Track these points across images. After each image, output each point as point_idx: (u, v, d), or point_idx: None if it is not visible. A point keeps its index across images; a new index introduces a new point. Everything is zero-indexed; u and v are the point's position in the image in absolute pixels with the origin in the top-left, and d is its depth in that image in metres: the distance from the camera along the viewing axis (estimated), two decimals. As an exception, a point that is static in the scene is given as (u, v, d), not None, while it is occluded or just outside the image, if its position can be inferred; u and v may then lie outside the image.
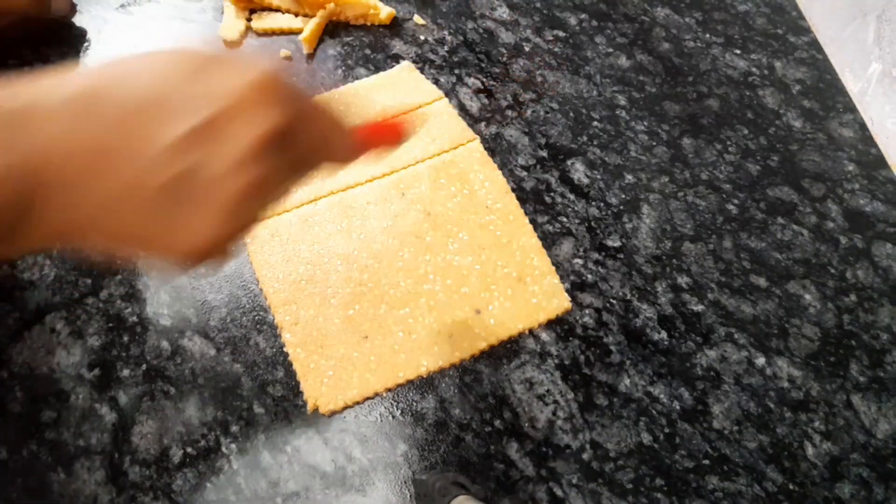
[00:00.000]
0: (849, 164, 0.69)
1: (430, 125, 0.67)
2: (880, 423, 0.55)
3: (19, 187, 0.20)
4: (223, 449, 0.50)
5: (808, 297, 0.61)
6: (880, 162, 0.70)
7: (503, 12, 0.77)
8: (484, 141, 0.67)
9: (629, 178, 0.67)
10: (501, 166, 0.66)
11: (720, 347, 0.57)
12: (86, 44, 0.68)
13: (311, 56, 0.71)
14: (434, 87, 0.70)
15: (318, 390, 0.53)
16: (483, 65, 0.73)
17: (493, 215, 0.62)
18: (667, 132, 0.70)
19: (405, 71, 0.71)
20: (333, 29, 0.75)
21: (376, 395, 0.53)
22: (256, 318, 0.56)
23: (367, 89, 0.69)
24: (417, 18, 0.77)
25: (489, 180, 0.65)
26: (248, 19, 0.73)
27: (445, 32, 0.76)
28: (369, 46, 0.73)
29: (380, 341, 0.55)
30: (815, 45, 0.78)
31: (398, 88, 0.69)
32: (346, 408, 0.52)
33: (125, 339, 0.53)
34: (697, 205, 0.65)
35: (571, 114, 0.70)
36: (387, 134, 0.49)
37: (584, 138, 0.69)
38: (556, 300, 0.58)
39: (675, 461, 0.52)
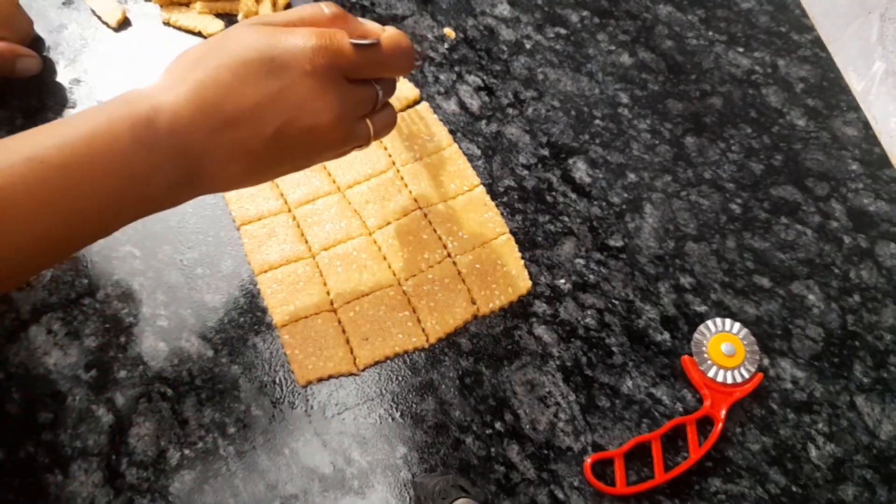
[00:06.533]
0: (852, 163, 0.68)
1: (419, 125, 0.66)
2: (884, 425, 0.55)
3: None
4: (221, 451, 0.49)
5: (811, 297, 0.60)
6: (884, 161, 0.69)
7: (504, 9, 0.76)
8: (484, 139, 0.67)
9: (631, 176, 0.66)
10: (503, 165, 0.65)
11: (723, 348, 0.57)
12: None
13: None
14: (413, 87, 0.68)
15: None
16: (484, 62, 0.72)
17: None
18: (669, 130, 0.69)
19: None
20: (333, 26, 0.74)
21: (376, 396, 0.53)
22: (254, 318, 0.55)
23: None
24: (417, 16, 0.76)
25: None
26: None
27: (445, 29, 0.75)
28: (369, 44, 0.72)
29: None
30: (818, 43, 0.78)
31: None
32: (344, 409, 0.52)
33: (122, 339, 0.53)
34: (700, 204, 0.65)
35: (573, 112, 0.70)
36: None
37: (586, 137, 0.68)
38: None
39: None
